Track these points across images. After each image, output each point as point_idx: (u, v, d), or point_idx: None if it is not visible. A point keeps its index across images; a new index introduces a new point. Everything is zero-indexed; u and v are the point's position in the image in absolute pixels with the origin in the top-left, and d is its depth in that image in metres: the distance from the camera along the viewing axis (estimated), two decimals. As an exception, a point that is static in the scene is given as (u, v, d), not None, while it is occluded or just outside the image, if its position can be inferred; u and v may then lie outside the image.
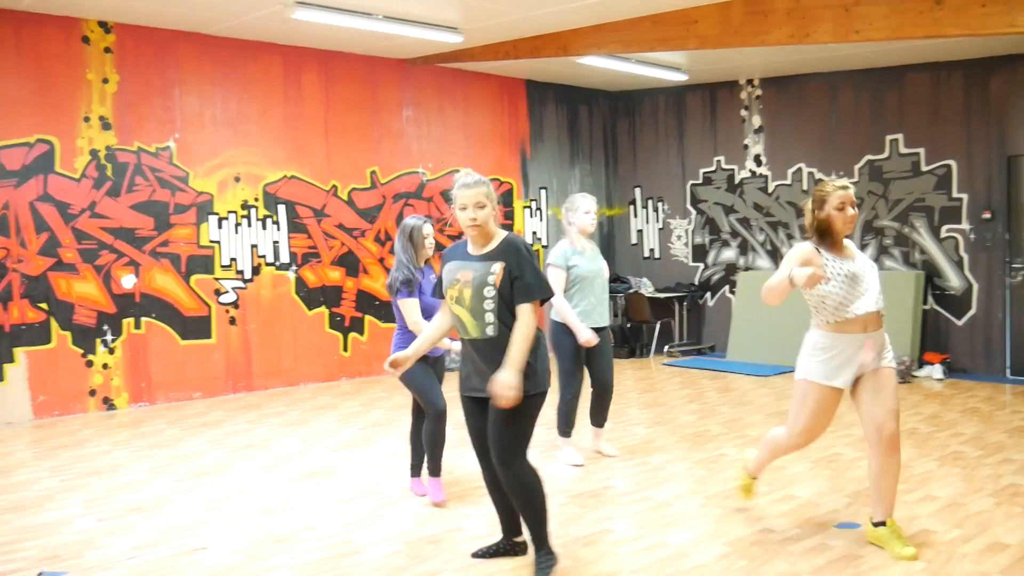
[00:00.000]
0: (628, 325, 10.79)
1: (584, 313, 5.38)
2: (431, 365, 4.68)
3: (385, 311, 9.29)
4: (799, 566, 3.68)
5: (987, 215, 8.48)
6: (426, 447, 4.66)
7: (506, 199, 10.38)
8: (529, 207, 10.62)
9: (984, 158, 8.49)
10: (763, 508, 4.45)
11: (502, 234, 3.53)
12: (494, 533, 4.16)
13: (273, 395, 8.19)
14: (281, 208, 8.55)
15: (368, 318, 9.18)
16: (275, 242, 8.52)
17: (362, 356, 9.14)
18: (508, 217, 10.39)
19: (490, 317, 3.41)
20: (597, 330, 5.42)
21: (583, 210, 5.54)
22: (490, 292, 3.39)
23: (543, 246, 10.77)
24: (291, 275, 8.62)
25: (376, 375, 9.19)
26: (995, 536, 3.99)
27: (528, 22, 7.55)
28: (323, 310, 8.85)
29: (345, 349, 9.02)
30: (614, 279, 11.30)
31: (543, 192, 10.75)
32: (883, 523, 3.82)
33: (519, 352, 3.34)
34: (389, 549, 4.01)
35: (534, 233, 10.67)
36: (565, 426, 5.51)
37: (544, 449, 5.73)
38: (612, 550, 3.93)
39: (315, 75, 8.73)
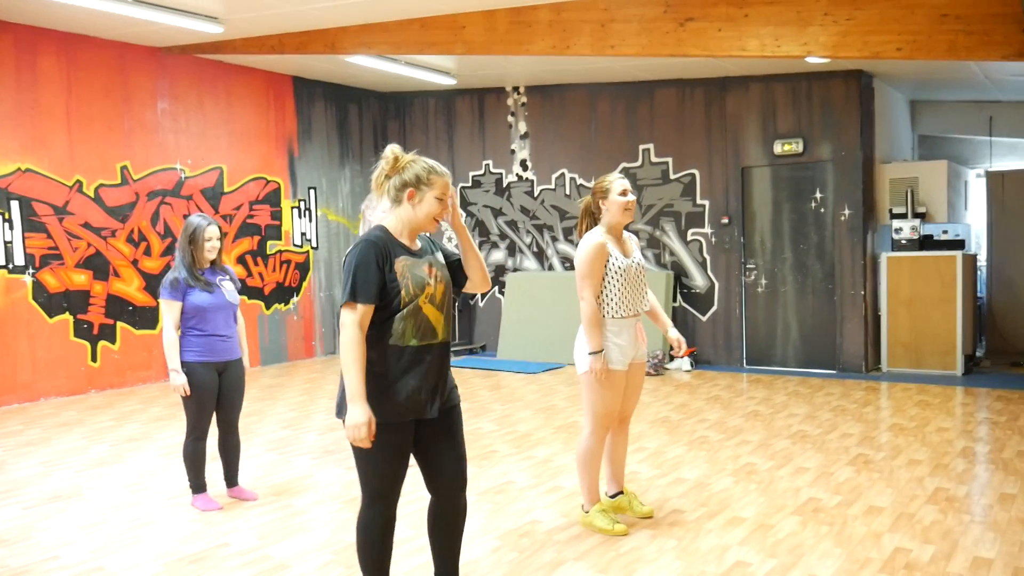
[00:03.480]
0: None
1: None
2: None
3: (140, 317, 8.64)
4: (565, 553, 3.85)
5: (725, 220, 9.35)
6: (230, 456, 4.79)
7: (273, 199, 10.01)
8: (297, 207, 10.31)
9: (722, 168, 9.36)
10: (531, 500, 4.61)
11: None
12: (264, 546, 4.00)
13: (8, 413, 7.35)
14: (14, 204, 7.70)
15: (121, 325, 8.49)
16: (7, 242, 7.65)
17: (114, 366, 8.43)
18: (275, 218, 10.03)
19: (447, 317, 3.02)
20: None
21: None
22: (450, 287, 3.04)
23: (313, 247, 10.51)
24: (27, 279, 7.78)
25: (130, 386, 8.51)
26: (735, 511, 4.40)
27: (294, 17, 7.34)
28: (67, 317, 8.07)
29: (94, 359, 8.28)
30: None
31: (312, 192, 10.49)
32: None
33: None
34: (146, 573, 3.73)
35: (303, 234, 10.38)
36: None
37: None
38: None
39: (54, 58, 7.94)
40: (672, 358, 9.27)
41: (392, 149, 2.92)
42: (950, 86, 9.50)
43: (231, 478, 4.79)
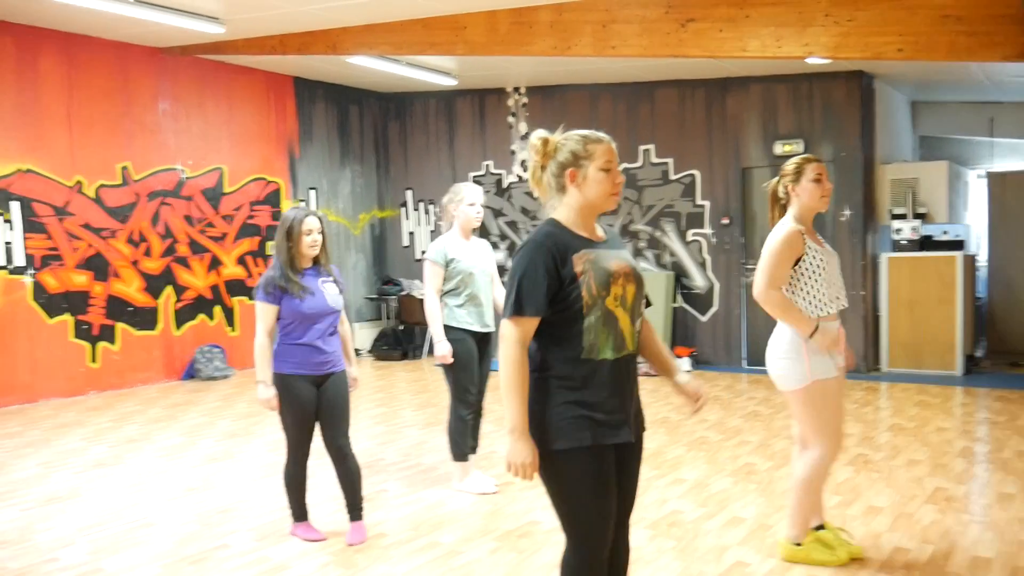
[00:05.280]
0: (400, 327, 10.78)
1: (472, 314, 4.77)
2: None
3: (140, 318, 8.65)
4: (564, 554, 3.85)
5: (726, 221, 9.34)
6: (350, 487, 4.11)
7: (273, 200, 10.02)
8: (298, 207, 10.30)
9: (723, 169, 9.36)
10: (531, 501, 4.60)
11: None
12: (263, 548, 4.01)
13: (7, 414, 7.36)
14: (14, 205, 7.70)
15: (121, 326, 8.49)
16: (7, 243, 7.65)
17: (114, 367, 8.43)
18: (276, 218, 10.04)
19: (639, 325, 2.53)
20: (486, 334, 4.85)
21: (468, 201, 4.79)
22: (643, 290, 2.54)
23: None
24: (27, 279, 7.78)
25: (130, 387, 8.51)
26: (733, 511, 4.39)
27: (295, 17, 7.34)
28: (67, 318, 8.07)
29: (94, 360, 8.28)
30: (386, 281, 11.27)
31: (312, 193, 10.49)
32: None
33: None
34: (145, 574, 3.73)
35: (304, 235, 10.36)
36: (462, 449, 4.80)
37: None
38: (386, 554, 3.90)
39: (55, 59, 7.94)
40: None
41: (537, 135, 2.53)
42: (951, 87, 9.50)
43: (351, 509, 4.09)
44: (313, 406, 3.96)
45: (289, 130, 10.19)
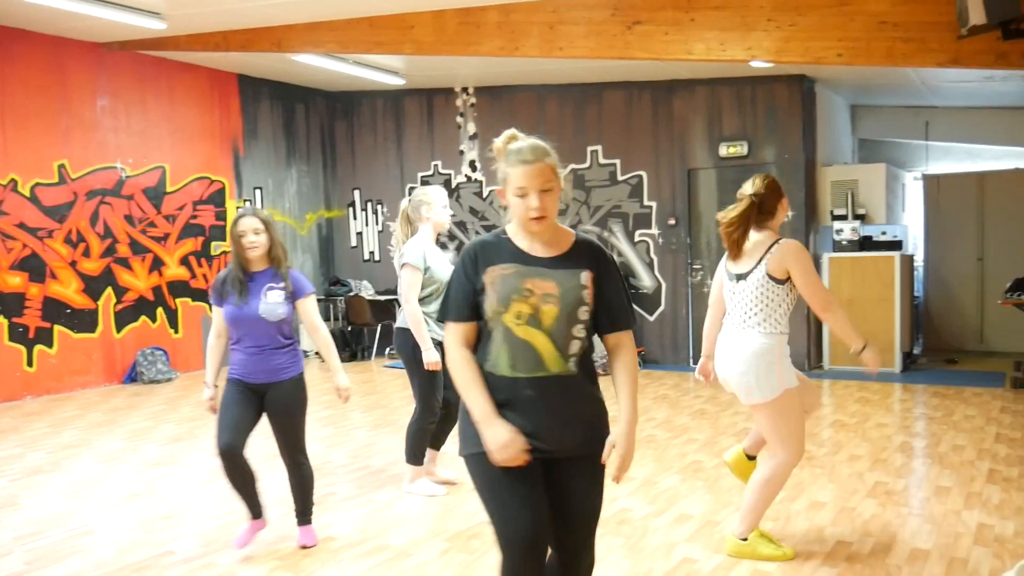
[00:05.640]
0: (349, 328, 10.69)
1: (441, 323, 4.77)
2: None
3: (79, 320, 8.42)
4: (515, 554, 3.85)
5: (672, 221, 9.46)
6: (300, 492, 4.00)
7: (217, 199, 9.84)
8: (243, 207, 10.15)
9: (669, 170, 9.47)
10: (479, 502, 4.60)
11: (568, 229, 2.52)
12: (209, 553, 3.93)
13: (-63, 420, 7.10)
14: (-55, 204, 7.44)
15: (59, 328, 8.25)
16: (-63, 243, 7.40)
17: (51, 371, 8.20)
18: (220, 218, 9.86)
19: (576, 347, 2.38)
20: None
21: (440, 203, 4.73)
22: (585, 313, 2.37)
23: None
24: (-41, 281, 7.53)
25: (68, 391, 8.28)
26: (681, 509, 4.45)
27: (239, 14, 7.22)
28: (1, 320, 7.82)
29: (30, 364, 8.04)
30: (333, 282, 11.17)
31: (258, 192, 10.34)
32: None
33: (635, 399, 2.45)
34: (85, 583, 3.63)
35: (249, 235, 10.20)
36: (417, 454, 4.77)
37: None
38: (334, 557, 3.86)
39: (-13, 54, 7.70)
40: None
41: (506, 134, 2.46)
42: (888, 91, 9.76)
43: (301, 514, 4.03)
44: (241, 414, 3.76)
45: (233, 128, 10.02)
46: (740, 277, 3.66)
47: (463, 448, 2.46)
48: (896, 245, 8.89)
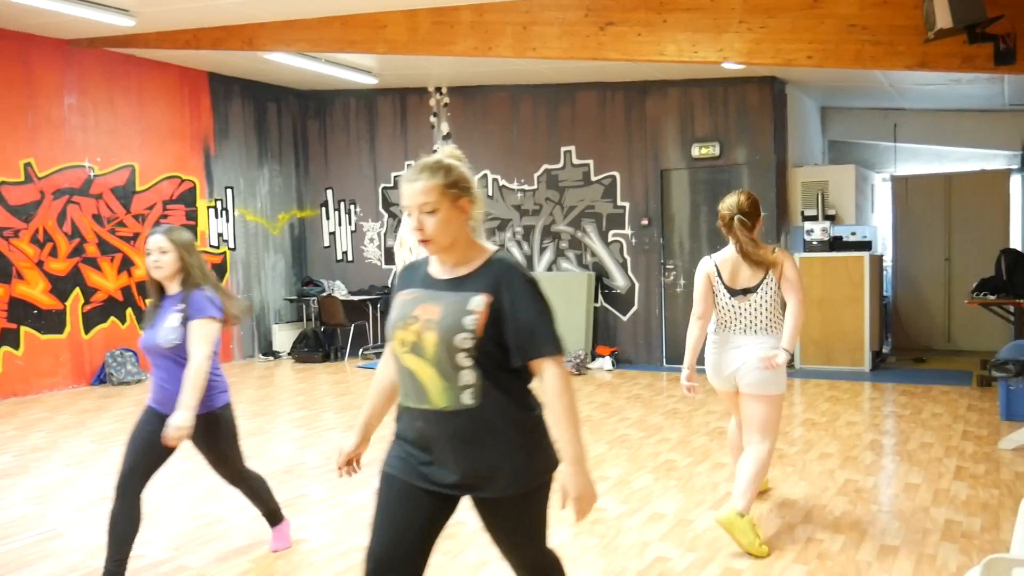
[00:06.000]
0: (322, 328, 10.63)
1: None
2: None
3: (46, 321, 8.29)
4: (489, 554, 3.85)
5: (645, 222, 9.51)
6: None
7: (188, 199, 9.74)
8: (214, 207, 10.06)
9: (642, 170, 9.52)
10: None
11: (489, 249, 2.30)
12: (179, 556, 3.89)
13: (-101, 423, 6.96)
14: (-93, 203, 7.30)
15: (25, 330, 8.12)
16: (-101, 243, 7.25)
17: (18, 373, 8.06)
18: (191, 218, 9.76)
19: (468, 377, 2.17)
20: None
21: None
22: (466, 340, 2.15)
23: (231, 248, 10.26)
24: (-78, 282, 7.38)
25: (35, 393, 8.16)
26: (655, 508, 4.47)
27: (210, 11, 7.15)
28: (-35, 321, 7.69)
29: (-5, 365, 7.91)
30: (306, 282, 11.10)
31: (229, 192, 10.25)
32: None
33: (571, 435, 2.20)
34: (52, 588, 3.58)
35: (220, 235, 10.13)
36: None
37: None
38: (307, 559, 3.84)
39: (-49, 50, 7.55)
40: (595, 357, 9.38)
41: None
42: (858, 94, 9.88)
43: (269, 517, 3.94)
44: (145, 437, 3.44)
45: (204, 127, 9.92)
46: (747, 291, 4.00)
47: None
48: (865, 245, 9.00)
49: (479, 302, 2.17)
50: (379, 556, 2.25)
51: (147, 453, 3.45)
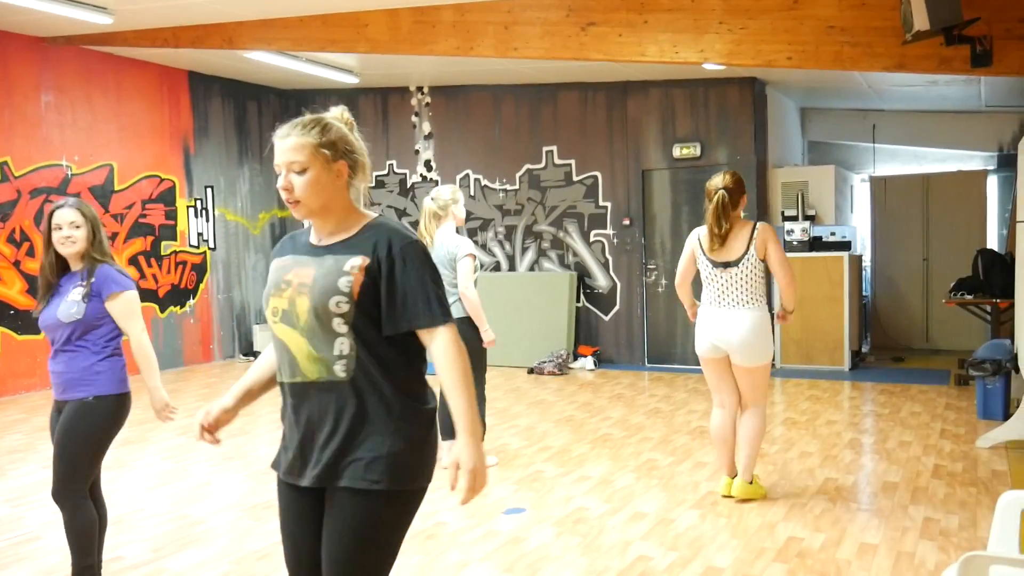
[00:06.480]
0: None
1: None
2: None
3: (23, 322, 8.20)
4: (471, 553, 3.85)
5: (627, 222, 9.53)
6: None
7: (168, 198, 9.66)
8: (194, 206, 9.98)
9: (624, 171, 9.54)
10: (435, 503, 4.59)
11: (369, 215, 2.18)
12: (159, 559, 3.86)
13: None
14: None
15: (1, 330, 8.02)
16: None
17: (-7, 374, 7.97)
18: (170, 217, 9.69)
19: (342, 346, 2.00)
20: None
21: (462, 202, 5.28)
22: (341, 304, 1.99)
23: (211, 248, 10.18)
24: None
25: (12, 394, 8.06)
26: (637, 507, 4.49)
27: (189, 9, 7.10)
28: (-60, 322, 7.59)
29: (-30, 367, 7.81)
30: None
31: (209, 191, 10.17)
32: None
33: (466, 405, 2.00)
34: (29, 591, 3.54)
35: (200, 235, 10.05)
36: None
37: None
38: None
39: (-75, 47, 7.45)
40: (576, 357, 9.39)
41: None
42: (837, 95, 9.96)
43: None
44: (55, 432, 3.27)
45: (184, 126, 9.85)
46: (729, 264, 4.33)
47: None
48: (845, 245, 9.07)
49: (355, 264, 2.01)
50: (292, 573, 2.17)
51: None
